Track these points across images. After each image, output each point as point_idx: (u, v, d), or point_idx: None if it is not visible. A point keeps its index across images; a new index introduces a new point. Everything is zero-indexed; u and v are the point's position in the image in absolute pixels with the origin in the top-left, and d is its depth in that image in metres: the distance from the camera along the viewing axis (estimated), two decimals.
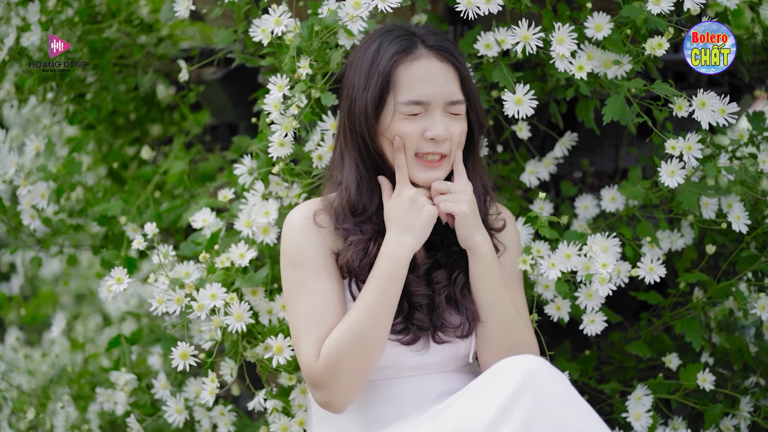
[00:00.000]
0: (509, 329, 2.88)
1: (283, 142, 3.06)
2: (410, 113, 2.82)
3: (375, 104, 2.84)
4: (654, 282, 3.12)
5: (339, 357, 2.73)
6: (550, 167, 3.47)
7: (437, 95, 2.83)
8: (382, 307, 2.76)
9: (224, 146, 4.26)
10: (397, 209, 2.84)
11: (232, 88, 4.13)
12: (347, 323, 2.76)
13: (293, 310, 2.85)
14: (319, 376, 2.75)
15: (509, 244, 3.02)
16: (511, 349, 2.86)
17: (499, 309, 2.87)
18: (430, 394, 2.87)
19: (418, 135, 2.83)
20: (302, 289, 2.84)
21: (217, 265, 3.13)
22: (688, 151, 2.98)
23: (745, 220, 3.17)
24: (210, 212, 3.30)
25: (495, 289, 2.88)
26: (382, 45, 2.86)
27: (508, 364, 2.62)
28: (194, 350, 3.05)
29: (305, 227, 2.88)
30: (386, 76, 2.82)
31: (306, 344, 2.78)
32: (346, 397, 2.77)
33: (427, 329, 2.85)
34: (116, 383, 3.60)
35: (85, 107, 4.09)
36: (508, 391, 2.54)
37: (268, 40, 3.09)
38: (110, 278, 3.08)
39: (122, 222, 3.68)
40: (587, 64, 3.00)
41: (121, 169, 4.38)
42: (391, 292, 2.78)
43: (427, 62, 2.85)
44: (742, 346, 3.48)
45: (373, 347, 2.76)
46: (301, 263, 2.86)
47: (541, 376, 2.57)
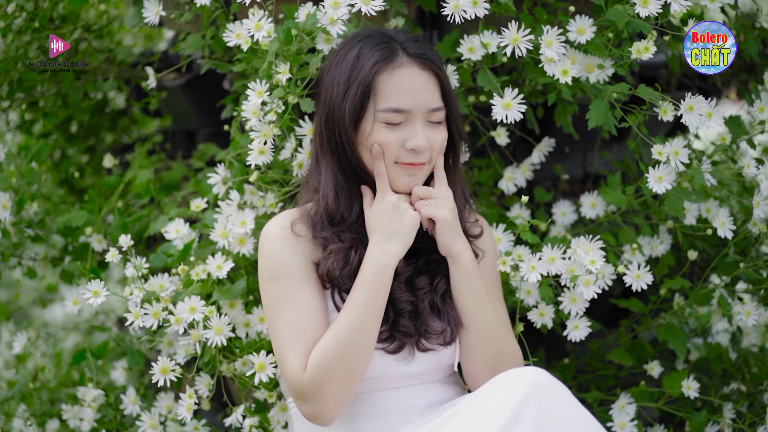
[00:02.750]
0: (493, 337, 2.84)
1: (263, 149, 2.98)
2: (390, 121, 2.77)
3: (355, 112, 2.78)
4: (632, 289, 3.08)
5: (326, 368, 2.67)
6: (527, 173, 3.43)
7: (418, 104, 2.78)
8: (369, 317, 2.71)
9: (184, 154, 4.16)
10: (380, 216, 2.78)
11: (194, 95, 4.05)
12: (333, 334, 2.69)
13: (275, 323, 2.78)
14: (307, 388, 2.68)
15: (487, 250, 2.98)
16: (496, 357, 2.83)
17: (482, 317, 2.83)
18: (416, 405, 2.82)
19: (398, 145, 2.78)
20: (284, 302, 2.77)
21: (193, 277, 3.04)
22: (675, 156, 2.95)
23: (730, 226, 3.14)
24: (183, 223, 3.21)
25: (477, 297, 2.83)
26: (363, 51, 2.80)
27: (512, 376, 2.58)
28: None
29: (283, 238, 2.81)
30: (367, 84, 2.76)
31: (291, 357, 2.71)
32: (334, 409, 2.71)
33: (413, 336, 2.80)
34: (83, 399, 3.49)
35: (39, 115, 3.98)
36: (513, 403, 2.49)
37: (248, 45, 3.00)
38: (87, 291, 2.99)
39: (87, 233, 3.56)
40: (572, 69, 2.95)
41: (74, 178, 4.27)
42: (377, 301, 2.72)
43: (408, 71, 2.79)
44: (721, 352, 3.46)
45: (360, 357, 2.70)
46: (281, 275, 2.79)
47: (546, 388, 2.54)
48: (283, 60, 2.94)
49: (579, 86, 3.05)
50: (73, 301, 3.37)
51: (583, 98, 3.17)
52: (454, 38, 3.20)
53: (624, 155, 3.89)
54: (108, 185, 3.81)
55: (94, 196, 3.86)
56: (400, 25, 3.25)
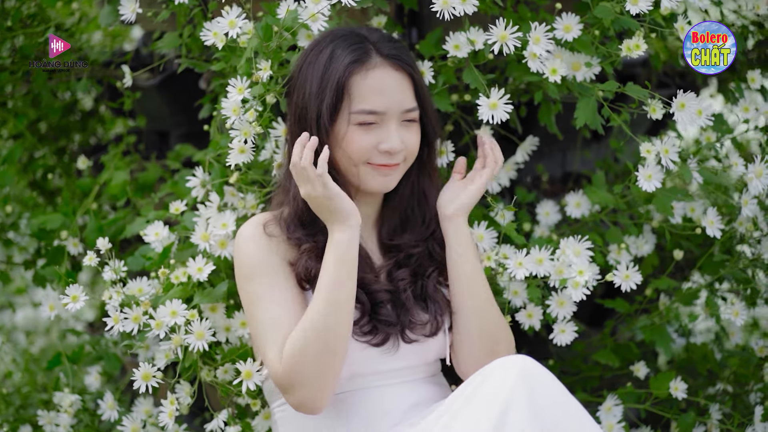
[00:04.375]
0: (490, 319, 2.84)
1: (243, 148, 2.92)
2: (364, 122, 2.74)
3: (328, 114, 2.74)
4: (621, 289, 3.05)
5: (301, 352, 2.63)
6: (511, 172, 3.39)
7: (392, 105, 2.76)
8: (340, 291, 2.66)
9: (157, 155, 4.09)
10: (316, 206, 2.73)
11: (168, 95, 3.98)
12: (306, 318, 2.66)
13: (254, 321, 2.75)
14: (284, 376, 2.65)
15: None
16: (493, 342, 2.83)
17: (479, 291, 2.83)
18: (402, 404, 2.79)
19: (372, 147, 2.76)
20: (261, 299, 2.74)
21: (173, 280, 2.98)
22: (665, 154, 2.92)
23: (719, 225, 3.11)
24: (163, 226, 3.14)
25: (476, 268, 2.84)
26: (336, 52, 2.76)
27: (499, 367, 2.55)
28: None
29: (257, 238, 2.78)
30: (340, 86, 2.73)
31: (270, 350, 2.68)
32: (317, 395, 2.66)
33: (395, 324, 2.78)
34: (59, 404, 3.42)
35: (10, 116, 3.90)
36: (503, 395, 2.48)
37: (223, 43, 2.95)
38: (65, 296, 2.94)
39: (63, 236, 3.49)
40: (560, 67, 2.91)
41: (44, 180, 4.20)
42: (345, 275, 2.67)
43: (381, 71, 2.76)
44: (707, 353, 3.44)
45: (336, 337, 2.65)
46: (256, 274, 2.76)
47: (534, 376, 2.52)
48: (264, 57, 2.89)
49: (565, 85, 3.01)
50: (49, 306, 3.30)
51: (565, 97, 3.14)
52: (438, 36, 3.15)
53: (604, 154, 3.87)
54: (83, 187, 3.73)
55: (67, 198, 3.79)
56: (381, 23, 3.20)
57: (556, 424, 2.48)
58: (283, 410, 2.85)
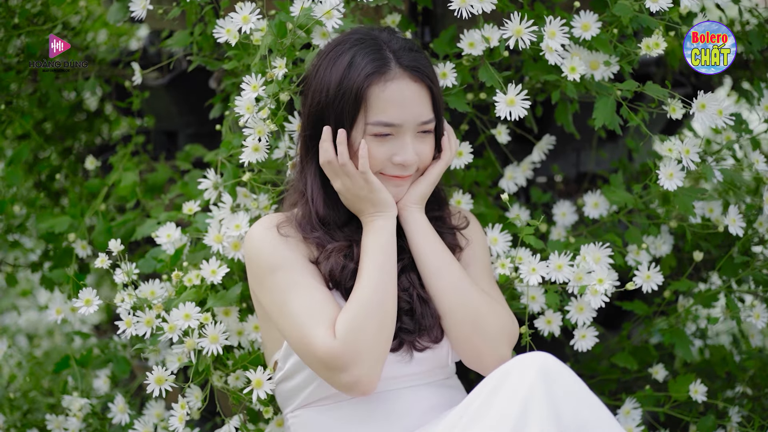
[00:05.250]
0: (461, 296, 2.76)
1: (257, 147, 2.87)
2: (380, 133, 2.70)
3: (344, 122, 2.71)
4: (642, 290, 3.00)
5: (359, 328, 2.60)
6: (527, 172, 3.34)
7: (409, 118, 2.72)
8: (385, 276, 2.67)
9: (165, 156, 4.04)
10: (350, 198, 2.74)
11: (177, 95, 3.93)
12: (356, 297, 2.64)
13: (288, 309, 2.67)
14: (342, 353, 2.59)
15: (473, 238, 2.92)
16: (474, 320, 2.74)
17: (444, 276, 2.77)
18: (417, 408, 2.75)
19: (386, 158, 2.73)
20: (293, 286, 2.68)
21: (186, 283, 2.93)
22: (686, 154, 2.87)
23: (741, 223, 3.07)
24: (175, 227, 3.09)
25: (441, 250, 2.79)
26: (355, 59, 2.71)
27: (518, 364, 2.50)
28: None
29: (272, 237, 2.74)
30: (359, 96, 2.68)
31: (317, 331, 2.61)
32: (372, 372, 2.62)
33: (413, 333, 2.75)
34: (68, 408, 3.36)
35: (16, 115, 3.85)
36: (523, 392, 2.43)
37: (236, 40, 2.90)
38: (77, 300, 2.89)
39: (71, 239, 3.44)
40: (579, 65, 2.87)
41: (49, 181, 4.14)
42: (386, 259, 2.69)
43: (400, 83, 2.71)
44: (725, 355, 3.39)
45: (386, 316, 2.65)
46: (282, 265, 2.71)
47: (554, 373, 2.47)
48: (279, 54, 2.84)
49: (583, 84, 2.96)
50: (56, 310, 3.26)
51: (581, 96, 3.09)
52: (451, 34, 3.11)
53: (620, 154, 3.82)
54: (91, 188, 3.67)
55: (74, 199, 3.74)
56: (396, 22, 3.15)
57: (576, 423, 2.44)
58: (297, 416, 2.81)
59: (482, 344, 2.73)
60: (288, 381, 2.80)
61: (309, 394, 2.77)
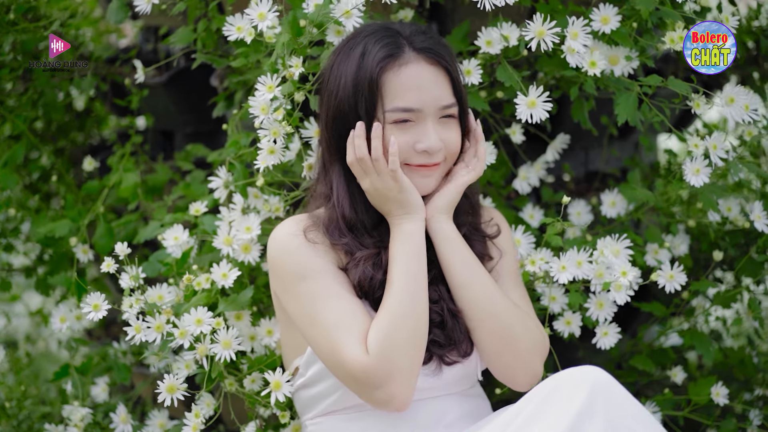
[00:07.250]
0: (492, 310, 2.66)
1: (273, 149, 2.78)
2: (400, 120, 2.60)
3: (363, 114, 2.61)
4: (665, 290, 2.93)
5: (391, 344, 2.51)
6: (541, 172, 3.27)
7: (428, 102, 2.61)
8: (415, 284, 2.58)
9: (163, 156, 3.94)
10: (378, 198, 2.64)
11: (176, 93, 3.83)
12: (386, 309, 2.55)
13: (319, 319, 2.58)
14: (376, 369, 2.50)
15: (506, 249, 2.82)
16: (505, 336, 2.65)
17: (473, 287, 2.67)
18: (443, 419, 2.67)
19: (409, 147, 2.62)
20: (323, 296, 2.59)
21: (195, 287, 2.84)
22: (714, 150, 2.80)
23: (765, 220, 3.00)
24: (182, 229, 3.00)
25: (470, 262, 2.69)
26: (367, 49, 2.62)
27: (572, 376, 2.42)
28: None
29: (301, 242, 2.64)
30: (373, 84, 2.59)
31: (349, 344, 2.52)
32: (407, 388, 2.53)
33: (444, 346, 2.66)
34: (68, 418, 3.26)
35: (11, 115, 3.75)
36: (578, 405, 2.36)
37: (252, 37, 2.81)
38: (85, 305, 2.79)
39: (72, 243, 3.33)
40: (600, 60, 2.79)
41: (41, 183, 4.03)
42: (416, 266, 2.60)
43: (415, 67, 2.62)
44: (744, 357, 3.33)
45: (418, 328, 2.56)
46: (312, 273, 2.61)
47: (609, 388, 2.40)
48: (295, 53, 2.75)
49: (603, 79, 2.89)
50: (60, 318, 3.17)
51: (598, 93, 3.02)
52: (465, 30, 3.03)
53: (631, 152, 3.76)
54: (90, 190, 3.56)
55: (71, 202, 3.63)
56: (408, 17, 3.07)
57: None
58: (317, 423, 2.72)
59: (513, 360, 2.65)
60: (309, 388, 2.71)
61: (332, 403, 2.68)
